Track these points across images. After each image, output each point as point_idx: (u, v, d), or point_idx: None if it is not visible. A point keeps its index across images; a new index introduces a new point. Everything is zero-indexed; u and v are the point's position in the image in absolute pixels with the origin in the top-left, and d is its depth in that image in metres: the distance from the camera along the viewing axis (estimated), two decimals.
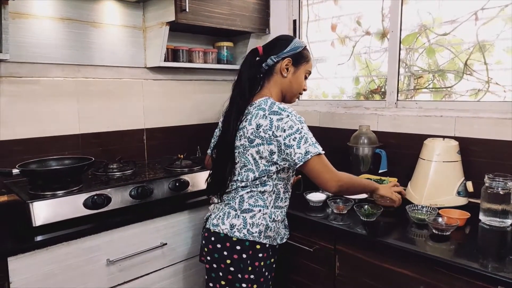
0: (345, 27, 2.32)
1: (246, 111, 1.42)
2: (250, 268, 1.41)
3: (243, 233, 1.39)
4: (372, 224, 1.49)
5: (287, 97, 1.54)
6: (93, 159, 1.73)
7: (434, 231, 1.36)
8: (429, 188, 1.65)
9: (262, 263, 1.42)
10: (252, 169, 1.40)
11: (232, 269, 1.42)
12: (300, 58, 1.50)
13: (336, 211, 1.60)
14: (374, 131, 2.02)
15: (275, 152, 1.36)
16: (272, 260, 1.50)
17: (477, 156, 1.70)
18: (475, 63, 1.84)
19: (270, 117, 1.35)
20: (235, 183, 1.44)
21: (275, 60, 1.46)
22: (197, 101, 2.54)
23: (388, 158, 1.93)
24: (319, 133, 2.28)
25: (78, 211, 1.52)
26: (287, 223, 1.55)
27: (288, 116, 1.34)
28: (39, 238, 1.38)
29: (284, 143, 1.33)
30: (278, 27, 2.49)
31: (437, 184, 1.65)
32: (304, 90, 1.56)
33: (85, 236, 1.47)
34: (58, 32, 1.93)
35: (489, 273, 1.09)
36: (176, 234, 1.75)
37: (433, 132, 1.82)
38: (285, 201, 1.49)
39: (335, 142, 2.20)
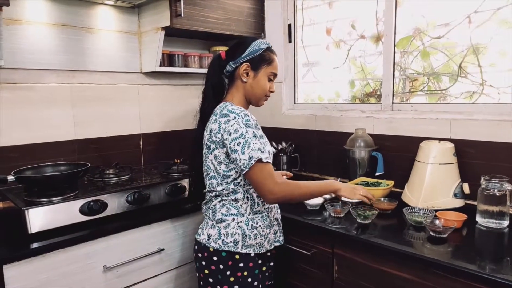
0: (340, 31, 2.33)
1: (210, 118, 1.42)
2: (232, 279, 1.38)
3: (218, 243, 1.38)
4: (369, 227, 1.49)
5: (252, 101, 1.50)
6: (89, 164, 1.72)
7: (431, 233, 1.36)
8: (426, 191, 1.65)
9: (246, 273, 1.39)
10: (214, 175, 1.39)
11: (210, 280, 1.41)
12: (260, 61, 1.43)
13: (333, 215, 1.60)
14: (370, 134, 2.02)
15: (229, 155, 1.35)
16: (264, 268, 1.47)
17: (473, 158, 1.71)
18: (469, 65, 1.85)
19: (219, 120, 1.34)
20: (208, 194, 1.45)
21: (233, 66, 1.44)
22: (193, 106, 2.48)
23: (384, 161, 1.93)
24: (316, 136, 2.29)
25: (74, 217, 1.50)
26: (278, 227, 1.51)
27: (235, 118, 1.32)
28: (35, 245, 1.36)
29: (230, 147, 1.31)
30: (273, 31, 2.50)
31: (433, 186, 1.65)
32: (271, 92, 1.50)
33: (82, 243, 1.45)
34: (53, 38, 1.92)
35: (486, 275, 1.09)
36: (173, 240, 1.74)
37: (429, 135, 1.83)
38: (264, 205, 1.43)
39: (332, 145, 2.21)
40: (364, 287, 1.41)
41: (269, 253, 1.50)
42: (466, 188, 1.65)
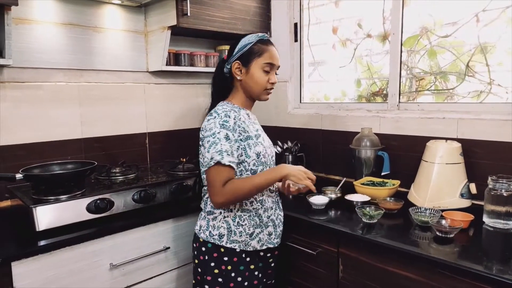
0: (346, 30, 2.32)
1: None
2: (216, 271, 1.40)
3: (206, 234, 1.42)
4: (375, 227, 1.49)
5: (253, 97, 1.48)
6: (96, 163, 1.73)
7: (437, 233, 1.36)
8: (432, 190, 1.64)
9: (229, 267, 1.39)
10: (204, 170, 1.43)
11: (199, 270, 1.45)
12: (249, 55, 1.42)
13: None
14: (376, 134, 2.01)
15: None
16: (253, 266, 1.44)
17: (480, 158, 1.69)
18: (477, 64, 1.83)
19: (206, 119, 1.39)
20: (203, 187, 1.49)
21: (228, 67, 1.47)
22: (199, 105, 2.54)
23: (390, 161, 1.93)
24: (321, 135, 2.29)
25: (81, 215, 1.52)
26: (273, 229, 1.47)
27: (214, 117, 1.35)
28: (42, 242, 1.38)
29: (202, 144, 1.36)
30: (279, 30, 2.49)
31: (440, 186, 1.64)
32: (272, 83, 1.45)
33: (88, 241, 1.47)
34: (61, 37, 1.94)
35: (493, 275, 1.08)
36: (179, 238, 1.75)
37: (436, 134, 1.82)
38: (252, 204, 1.42)
39: (338, 144, 2.21)
40: (369, 286, 1.40)
41: (262, 253, 1.47)
42: (473, 188, 1.64)
